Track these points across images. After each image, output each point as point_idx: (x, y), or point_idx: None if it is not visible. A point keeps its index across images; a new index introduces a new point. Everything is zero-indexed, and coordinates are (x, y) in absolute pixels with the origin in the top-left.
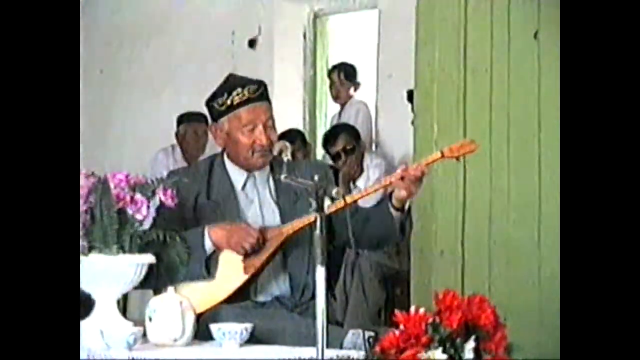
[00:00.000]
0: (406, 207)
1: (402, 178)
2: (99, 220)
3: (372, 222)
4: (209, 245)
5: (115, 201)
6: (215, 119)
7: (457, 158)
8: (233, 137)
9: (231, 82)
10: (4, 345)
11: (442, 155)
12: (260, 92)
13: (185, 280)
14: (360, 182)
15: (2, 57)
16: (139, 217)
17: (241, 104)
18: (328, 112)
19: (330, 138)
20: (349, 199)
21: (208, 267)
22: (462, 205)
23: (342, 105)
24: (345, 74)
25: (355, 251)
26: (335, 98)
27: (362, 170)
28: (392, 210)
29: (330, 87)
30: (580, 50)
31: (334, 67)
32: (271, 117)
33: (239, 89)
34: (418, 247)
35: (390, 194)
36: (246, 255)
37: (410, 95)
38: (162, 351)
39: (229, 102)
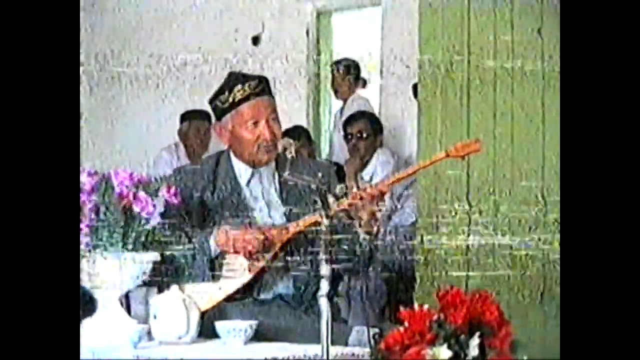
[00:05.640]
0: (374, 230)
1: (361, 198)
2: (102, 218)
3: (340, 246)
4: (214, 249)
5: (119, 199)
6: (218, 117)
7: (462, 157)
8: (237, 134)
9: (232, 80)
10: (4, 345)
11: (447, 155)
12: (261, 88)
13: (190, 281)
14: (367, 177)
15: (1, 55)
16: (143, 215)
17: (243, 100)
18: (332, 109)
19: (351, 118)
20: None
21: (213, 270)
22: (466, 202)
23: (345, 101)
24: (345, 68)
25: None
26: (336, 93)
27: (365, 164)
28: (361, 234)
29: (333, 82)
30: (583, 46)
31: (335, 62)
32: (274, 112)
33: (239, 86)
34: (422, 244)
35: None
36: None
37: (416, 90)
38: (167, 349)
39: (230, 99)
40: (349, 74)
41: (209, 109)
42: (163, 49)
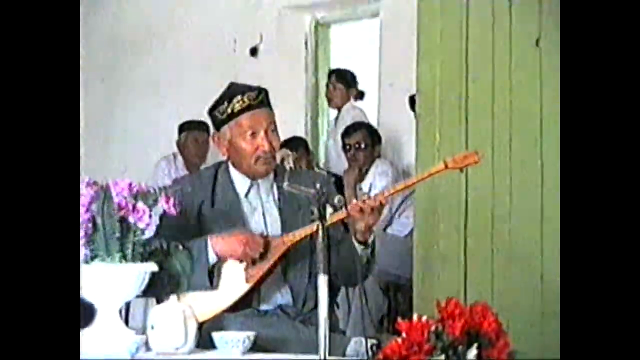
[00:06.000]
0: (369, 240)
1: (360, 209)
2: (101, 228)
3: (338, 256)
4: (212, 257)
5: (117, 209)
6: (217, 127)
7: (461, 169)
8: (235, 144)
9: (231, 90)
10: (4, 355)
11: (446, 167)
12: (260, 99)
13: (188, 290)
14: (365, 187)
15: (1, 63)
16: (141, 225)
17: (242, 110)
18: (330, 120)
19: (350, 129)
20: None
21: (211, 279)
22: (464, 213)
23: (339, 110)
24: (337, 77)
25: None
26: (329, 101)
27: (364, 175)
28: (355, 244)
29: (327, 91)
30: (581, 57)
31: (330, 71)
32: (273, 123)
33: (239, 96)
34: (420, 255)
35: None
36: (249, 264)
37: (412, 102)
38: None
39: (229, 110)
40: (342, 83)
41: (207, 119)
42: (162, 59)
